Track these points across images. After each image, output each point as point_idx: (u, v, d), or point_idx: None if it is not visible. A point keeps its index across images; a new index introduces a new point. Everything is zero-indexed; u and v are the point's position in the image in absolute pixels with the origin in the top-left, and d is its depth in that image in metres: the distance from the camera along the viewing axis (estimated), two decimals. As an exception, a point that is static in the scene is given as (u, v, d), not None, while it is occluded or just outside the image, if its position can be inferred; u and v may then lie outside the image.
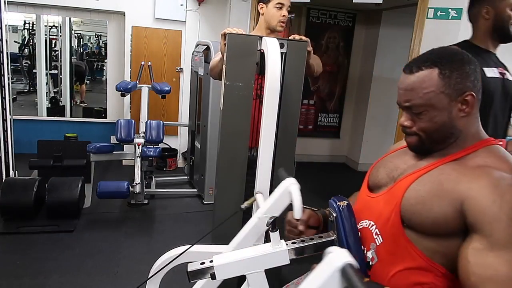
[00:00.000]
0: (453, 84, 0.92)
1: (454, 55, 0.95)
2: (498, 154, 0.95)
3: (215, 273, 1.05)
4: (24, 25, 7.64)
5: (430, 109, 0.94)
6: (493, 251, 0.82)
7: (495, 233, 0.83)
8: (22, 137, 4.35)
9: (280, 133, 1.91)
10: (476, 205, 0.86)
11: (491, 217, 0.83)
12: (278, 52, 1.70)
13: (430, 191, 0.93)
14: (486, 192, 0.86)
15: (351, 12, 5.36)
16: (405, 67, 0.98)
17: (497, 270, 0.81)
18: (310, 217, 1.15)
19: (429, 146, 0.99)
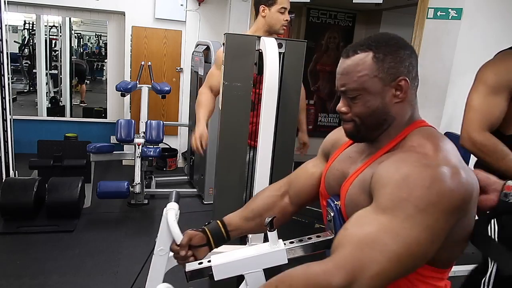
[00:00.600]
0: (386, 68, 0.90)
1: (389, 39, 0.93)
2: (425, 134, 0.91)
3: (213, 273, 1.05)
4: (24, 25, 7.65)
5: (364, 93, 0.91)
6: (373, 213, 0.81)
7: (380, 198, 0.82)
8: (22, 137, 4.35)
9: (279, 133, 1.91)
10: (374, 177, 0.85)
11: (380, 184, 0.83)
12: (277, 52, 1.70)
13: (358, 190, 0.92)
14: (387, 164, 0.85)
15: (351, 12, 5.36)
16: (343, 52, 0.96)
17: (364, 228, 0.80)
18: (191, 238, 1.14)
19: (363, 133, 0.95)
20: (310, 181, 1.17)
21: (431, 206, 0.77)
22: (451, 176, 0.79)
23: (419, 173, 0.80)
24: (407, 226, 0.77)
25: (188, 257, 1.12)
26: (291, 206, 1.21)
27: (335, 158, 1.09)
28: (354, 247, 0.78)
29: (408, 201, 0.78)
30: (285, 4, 2.23)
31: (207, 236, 1.16)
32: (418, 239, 0.77)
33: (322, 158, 1.19)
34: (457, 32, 3.05)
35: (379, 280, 0.76)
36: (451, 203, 0.78)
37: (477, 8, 3.05)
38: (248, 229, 1.21)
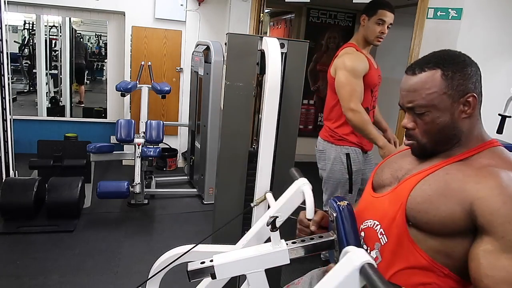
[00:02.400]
0: (455, 85, 0.93)
1: (456, 57, 0.96)
2: (502, 155, 0.95)
3: (215, 272, 1.05)
4: (24, 25, 7.63)
5: (432, 110, 0.94)
6: (505, 253, 0.82)
7: (507, 234, 0.83)
8: (22, 137, 4.34)
9: (281, 133, 1.91)
10: (486, 206, 0.85)
11: (503, 219, 0.83)
12: (279, 52, 1.70)
13: (436, 191, 0.93)
14: (496, 192, 0.86)
15: (351, 12, 5.36)
16: (408, 69, 0.98)
17: (510, 272, 0.81)
18: (322, 218, 1.15)
19: (431, 149, 0.99)
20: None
21: None
22: None
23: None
24: None
25: (314, 233, 1.12)
26: None
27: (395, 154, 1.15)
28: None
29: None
30: (384, 17, 2.27)
31: None
32: None
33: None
34: (457, 32, 3.06)
35: None
36: None
37: (477, 8, 3.05)
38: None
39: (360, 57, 2.34)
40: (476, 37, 3.08)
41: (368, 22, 2.32)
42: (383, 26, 2.28)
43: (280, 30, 6.01)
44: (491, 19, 3.10)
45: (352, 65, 2.28)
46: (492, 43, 3.13)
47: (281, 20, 5.99)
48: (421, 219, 0.93)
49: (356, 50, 2.37)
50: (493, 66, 3.16)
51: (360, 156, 2.44)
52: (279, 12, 6.01)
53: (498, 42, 3.15)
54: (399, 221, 0.97)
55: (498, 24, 3.12)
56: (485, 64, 3.36)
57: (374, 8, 2.29)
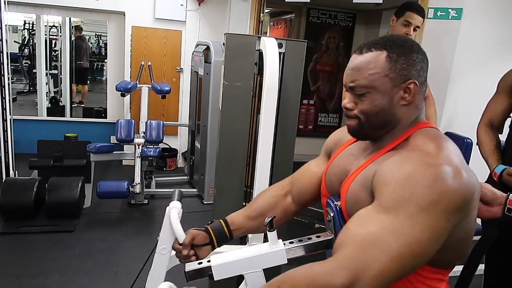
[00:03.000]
0: (398, 69, 0.90)
1: (404, 41, 0.94)
2: (429, 134, 0.92)
3: (213, 273, 1.05)
4: (24, 25, 7.64)
5: (372, 92, 0.91)
6: (375, 213, 0.81)
7: (381, 196, 0.82)
8: (22, 137, 4.35)
9: (279, 133, 1.91)
10: (377, 175, 0.85)
11: (383, 182, 0.83)
12: (277, 52, 1.71)
13: (360, 187, 0.92)
14: (390, 163, 0.85)
15: (351, 12, 5.36)
16: (356, 48, 0.96)
17: (366, 228, 0.79)
18: (193, 237, 1.13)
19: (367, 131, 0.96)
20: (313, 180, 1.17)
21: (432, 205, 0.77)
22: (453, 176, 0.79)
23: (421, 172, 0.80)
24: (409, 225, 0.77)
25: (191, 256, 1.12)
26: (294, 206, 1.21)
27: (336, 155, 1.09)
28: (357, 247, 0.78)
29: (410, 200, 0.78)
30: (411, 19, 2.28)
31: (210, 235, 1.15)
32: (420, 238, 0.77)
33: (325, 157, 1.19)
34: (457, 32, 3.05)
35: (381, 280, 0.76)
36: (453, 202, 0.78)
37: (477, 8, 3.05)
38: (251, 228, 1.21)
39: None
40: (476, 37, 3.08)
41: (396, 22, 2.35)
42: (409, 28, 2.30)
43: (280, 30, 6.01)
44: (491, 19, 3.10)
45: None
46: (492, 43, 3.13)
47: (281, 20, 5.99)
48: None
49: None
50: (493, 66, 3.15)
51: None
52: (279, 12, 6.02)
53: (498, 42, 3.14)
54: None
55: (498, 24, 3.11)
56: (485, 64, 3.38)
57: (403, 10, 2.33)
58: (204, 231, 1.16)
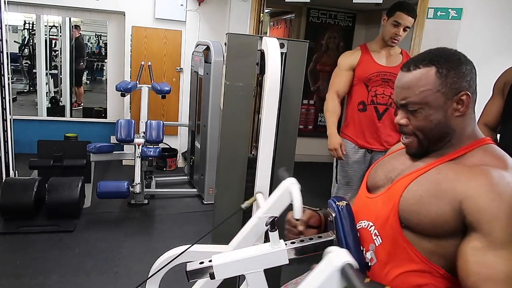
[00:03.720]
0: (449, 83, 0.92)
1: (451, 55, 0.95)
2: (494, 153, 0.95)
3: (214, 272, 1.05)
4: (24, 25, 7.62)
5: (425, 107, 0.93)
6: (492, 250, 0.82)
7: (494, 232, 0.82)
8: (22, 137, 4.34)
9: (280, 133, 1.91)
10: (475, 204, 0.85)
11: (490, 216, 0.83)
12: (278, 52, 1.70)
13: (427, 191, 0.92)
14: (485, 190, 0.85)
15: (351, 12, 5.36)
16: (403, 66, 0.98)
17: (496, 269, 0.81)
18: (310, 217, 1.14)
19: (427, 147, 0.98)
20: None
21: None
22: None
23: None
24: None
25: (303, 233, 1.12)
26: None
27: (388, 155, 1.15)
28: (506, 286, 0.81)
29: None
30: (400, 19, 2.30)
31: (321, 220, 1.17)
32: None
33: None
34: (457, 32, 3.06)
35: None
36: None
37: (477, 8, 3.05)
38: None
39: (352, 52, 2.56)
40: (476, 37, 3.08)
41: (386, 22, 2.37)
42: (398, 28, 2.32)
43: (280, 30, 6.01)
44: (491, 19, 3.10)
45: (339, 59, 2.58)
46: (492, 43, 3.13)
47: (281, 20, 5.99)
48: (413, 221, 0.93)
49: (360, 48, 2.54)
50: (493, 66, 3.14)
51: (353, 150, 2.55)
52: (279, 12, 6.01)
53: (498, 42, 3.15)
54: (392, 222, 0.97)
55: (498, 24, 3.12)
56: (485, 64, 3.38)
57: (393, 10, 2.34)
58: (318, 214, 1.18)
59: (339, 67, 2.54)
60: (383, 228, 0.99)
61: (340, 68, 2.53)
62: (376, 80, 2.45)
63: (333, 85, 2.57)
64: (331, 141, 2.47)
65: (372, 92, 2.47)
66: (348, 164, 2.57)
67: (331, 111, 2.52)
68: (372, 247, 1.02)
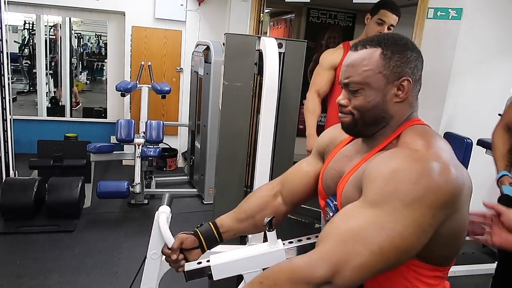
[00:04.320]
0: (392, 66, 0.91)
1: (399, 39, 0.94)
2: (418, 131, 0.92)
3: (212, 273, 1.05)
4: (24, 25, 7.63)
5: (366, 88, 0.92)
6: (358, 208, 0.82)
7: (368, 192, 0.82)
8: (22, 137, 4.35)
9: (279, 133, 1.91)
10: (365, 172, 0.86)
11: (370, 179, 0.83)
12: (276, 52, 1.71)
13: (352, 188, 0.92)
14: (377, 160, 0.86)
15: (351, 12, 5.36)
16: (352, 45, 0.97)
17: (346, 224, 0.80)
18: (182, 242, 1.12)
19: (360, 127, 0.96)
20: (304, 180, 1.17)
21: (417, 201, 0.77)
22: (439, 172, 0.79)
23: (407, 168, 0.80)
24: (392, 220, 0.77)
25: (180, 260, 1.11)
26: (284, 206, 1.20)
27: (331, 157, 1.09)
28: (338, 240, 0.79)
29: (395, 195, 0.78)
30: (384, 17, 2.23)
31: (199, 239, 1.15)
32: (403, 233, 0.77)
33: (317, 157, 1.19)
34: (457, 32, 3.05)
35: (362, 272, 0.77)
36: (438, 198, 0.78)
37: (477, 8, 3.05)
38: (241, 230, 1.20)
39: (334, 50, 2.43)
40: (476, 37, 3.08)
41: (370, 21, 2.30)
42: (382, 27, 2.24)
43: (280, 30, 6.01)
44: (491, 19, 3.10)
45: (321, 57, 2.46)
46: (492, 43, 3.13)
47: (281, 20, 5.99)
48: None
49: (343, 46, 2.43)
50: (493, 66, 3.15)
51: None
52: (279, 12, 6.01)
53: (498, 42, 3.14)
54: None
55: (498, 24, 3.11)
56: (485, 64, 3.38)
57: (377, 8, 2.28)
58: (193, 235, 1.15)
59: (321, 66, 2.45)
60: None
61: (322, 66, 2.44)
62: None
63: (313, 84, 2.48)
64: (309, 142, 2.40)
65: None
66: None
67: (310, 111, 2.46)
68: None
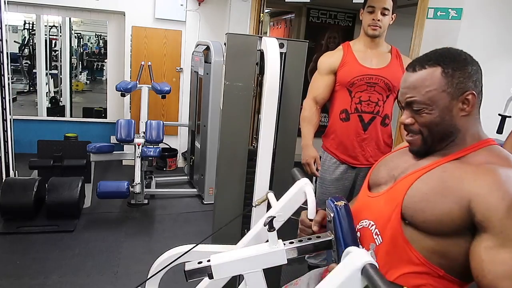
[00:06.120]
0: (455, 83, 0.92)
1: (457, 55, 0.95)
2: (499, 153, 0.94)
3: (212, 272, 1.05)
4: (24, 25, 7.64)
5: (431, 107, 0.94)
6: (505, 247, 0.82)
7: (505, 229, 0.82)
8: (22, 137, 4.34)
9: (280, 133, 1.91)
10: (485, 203, 0.85)
11: (501, 214, 0.83)
12: (278, 52, 1.70)
13: (433, 189, 0.92)
14: (494, 189, 0.85)
15: (351, 12, 5.36)
16: (408, 66, 0.98)
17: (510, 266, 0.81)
18: (324, 217, 1.14)
19: (430, 145, 0.98)
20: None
21: None
22: None
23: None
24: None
25: (315, 233, 1.11)
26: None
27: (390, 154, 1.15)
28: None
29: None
30: (373, 2, 2.09)
31: None
32: None
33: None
34: (457, 32, 3.05)
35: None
36: None
37: (477, 8, 3.05)
38: None
39: (333, 53, 2.25)
40: (476, 37, 3.08)
41: (363, 14, 2.17)
42: (375, 14, 2.08)
43: (280, 30, 6.01)
44: (491, 19, 3.10)
45: (319, 60, 2.26)
46: (492, 43, 3.13)
47: (281, 20, 5.99)
48: (418, 218, 0.93)
49: (342, 47, 2.25)
50: (493, 66, 3.15)
51: (333, 165, 2.30)
52: (279, 12, 6.01)
53: (498, 42, 3.14)
54: (394, 221, 0.97)
55: (498, 24, 3.11)
56: (485, 64, 3.36)
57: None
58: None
59: (318, 71, 2.24)
60: (385, 228, 0.99)
61: (320, 71, 2.23)
62: (360, 84, 2.13)
63: (310, 90, 2.28)
64: (305, 154, 2.22)
65: (356, 99, 2.16)
66: (326, 181, 2.30)
67: (306, 120, 2.26)
68: (372, 246, 1.02)
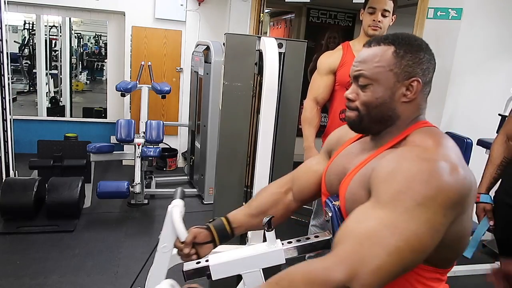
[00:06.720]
0: (403, 65, 0.91)
1: (413, 40, 0.94)
2: (428, 132, 0.91)
3: (211, 272, 1.05)
4: (24, 25, 7.65)
5: (375, 84, 0.92)
6: (371, 208, 0.81)
7: (379, 193, 0.81)
8: (22, 137, 4.35)
9: (279, 133, 1.91)
10: (374, 172, 0.85)
11: (381, 179, 0.82)
12: (276, 52, 1.71)
13: (358, 186, 0.91)
14: (387, 160, 0.85)
15: (351, 12, 5.36)
16: (366, 42, 0.97)
17: (362, 225, 0.79)
18: (195, 236, 1.12)
19: (365, 124, 0.96)
20: (313, 178, 1.16)
21: (429, 200, 0.77)
22: (449, 172, 0.79)
23: (418, 168, 0.80)
24: (406, 220, 0.76)
25: (192, 254, 1.11)
26: (294, 203, 1.21)
27: (337, 154, 1.09)
28: (354, 242, 0.77)
29: (407, 195, 0.77)
30: (374, 3, 2.08)
31: (212, 233, 1.14)
32: (417, 232, 0.76)
33: (325, 156, 1.19)
34: (457, 32, 3.06)
35: (380, 275, 0.75)
36: (449, 197, 0.78)
37: (477, 8, 3.05)
38: (253, 225, 1.20)
39: (333, 53, 2.24)
40: (476, 37, 3.08)
41: (363, 15, 2.18)
42: (375, 15, 2.08)
43: (280, 30, 6.01)
44: (491, 19, 3.10)
45: (318, 60, 2.24)
46: (492, 43, 3.13)
47: (281, 20, 5.99)
48: None
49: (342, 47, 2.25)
50: (493, 66, 3.15)
51: None
52: (279, 12, 6.01)
53: (498, 42, 3.14)
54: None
55: (498, 24, 3.11)
56: (485, 64, 3.38)
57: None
58: (206, 229, 1.15)
59: (318, 71, 2.23)
60: None
61: (319, 71, 2.22)
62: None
63: (311, 91, 2.26)
64: (307, 155, 2.19)
65: None
66: None
67: (308, 121, 2.24)
68: None
